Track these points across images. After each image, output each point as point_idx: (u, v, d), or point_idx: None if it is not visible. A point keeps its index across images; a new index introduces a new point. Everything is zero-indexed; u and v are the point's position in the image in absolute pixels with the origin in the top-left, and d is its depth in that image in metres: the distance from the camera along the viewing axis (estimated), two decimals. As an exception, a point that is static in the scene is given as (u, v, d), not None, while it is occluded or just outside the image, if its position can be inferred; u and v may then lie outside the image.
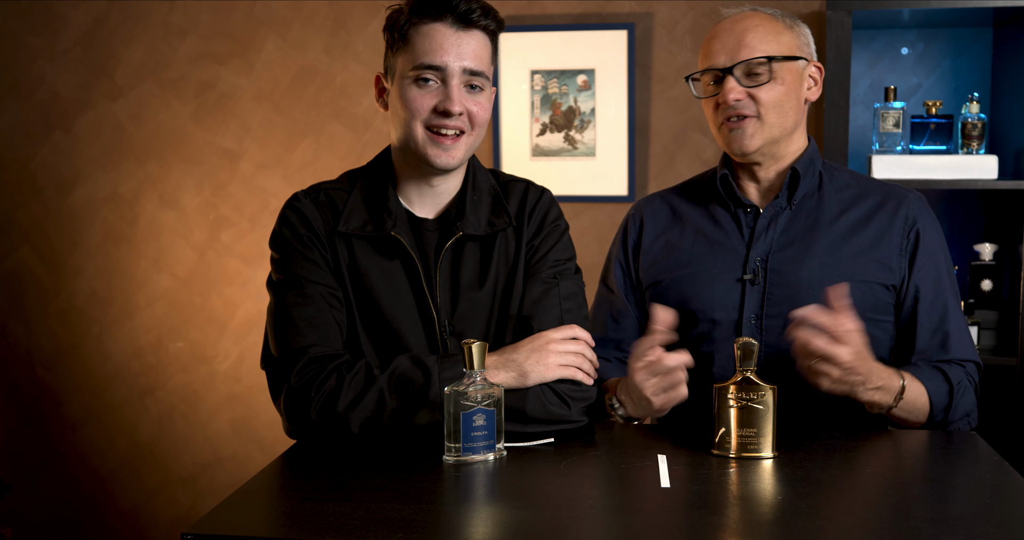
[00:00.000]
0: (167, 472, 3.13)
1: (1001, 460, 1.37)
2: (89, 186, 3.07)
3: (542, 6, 2.84)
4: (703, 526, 1.12)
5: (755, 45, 1.64)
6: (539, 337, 1.51)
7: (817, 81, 1.73)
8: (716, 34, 1.68)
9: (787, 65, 1.66)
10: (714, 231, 1.74)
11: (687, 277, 1.72)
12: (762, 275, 1.68)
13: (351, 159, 2.95)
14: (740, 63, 1.63)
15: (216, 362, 3.07)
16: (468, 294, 1.56)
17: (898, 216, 1.69)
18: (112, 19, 3.00)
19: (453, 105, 1.49)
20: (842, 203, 1.71)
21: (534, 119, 2.87)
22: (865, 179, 1.77)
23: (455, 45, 1.49)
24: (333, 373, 1.44)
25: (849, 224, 1.69)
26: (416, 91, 1.50)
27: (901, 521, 1.13)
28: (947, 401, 1.60)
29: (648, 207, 1.84)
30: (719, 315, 1.69)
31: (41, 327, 3.13)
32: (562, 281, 1.59)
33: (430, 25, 1.50)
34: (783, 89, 1.65)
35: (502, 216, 1.59)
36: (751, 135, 1.65)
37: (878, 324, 1.67)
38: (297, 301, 1.51)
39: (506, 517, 1.17)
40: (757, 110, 1.64)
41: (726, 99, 1.64)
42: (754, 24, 1.66)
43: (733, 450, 1.39)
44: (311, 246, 1.54)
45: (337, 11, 2.92)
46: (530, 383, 1.47)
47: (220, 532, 1.12)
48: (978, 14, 2.50)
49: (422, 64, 1.49)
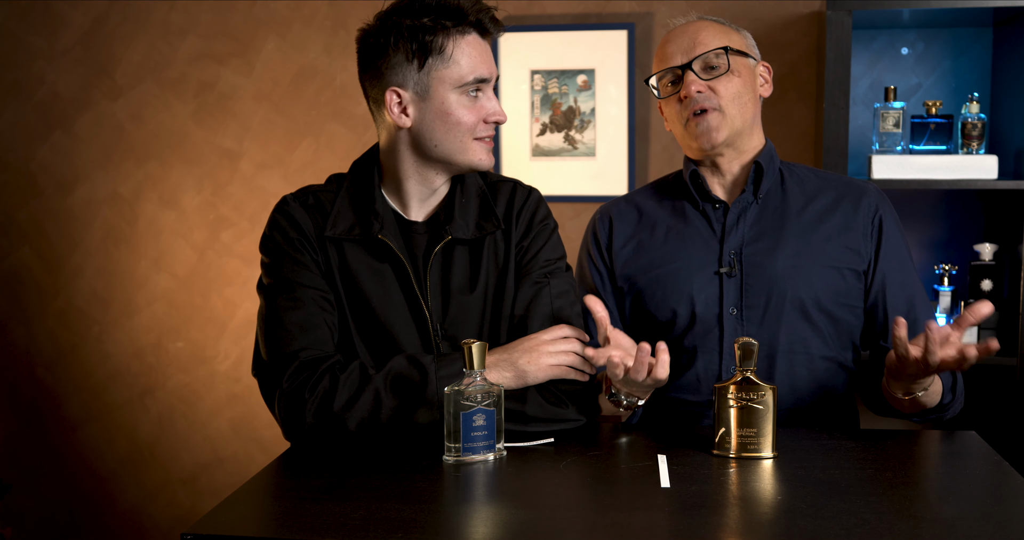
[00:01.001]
0: (167, 472, 3.13)
1: (1001, 460, 1.37)
2: (89, 186, 3.07)
3: (542, 6, 2.84)
4: (703, 526, 1.12)
5: (708, 41, 1.72)
6: (530, 339, 1.52)
7: (767, 79, 1.81)
8: (669, 39, 1.77)
9: (741, 59, 1.74)
10: (685, 228, 1.78)
11: (664, 275, 1.75)
12: (738, 267, 1.72)
13: (351, 159, 2.93)
14: (697, 57, 1.71)
15: (216, 362, 3.07)
16: (459, 298, 1.56)
17: (861, 205, 1.75)
18: (112, 19, 3.00)
19: (503, 115, 1.55)
20: (805, 195, 1.77)
21: (534, 119, 2.87)
22: (822, 173, 1.83)
23: (487, 55, 1.54)
24: (326, 374, 1.44)
25: (815, 214, 1.74)
26: (469, 103, 1.53)
27: (901, 521, 1.13)
28: (951, 381, 1.67)
29: (615, 210, 1.87)
30: (700, 309, 1.72)
31: (41, 327, 3.13)
32: (553, 280, 1.60)
33: (469, 35, 1.51)
34: (740, 81, 1.72)
35: (491, 220, 1.60)
36: (716, 127, 1.71)
37: (851, 309, 1.73)
38: (288, 305, 1.51)
39: (506, 517, 1.17)
40: (718, 103, 1.71)
41: (688, 92, 1.70)
42: (704, 25, 1.75)
43: (733, 450, 1.39)
44: (301, 250, 1.54)
45: (337, 11, 2.92)
46: (523, 384, 1.48)
47: (220, 532, 1.12)
48: (978, 14, 2.50)
49: (477, 78, 1.51)
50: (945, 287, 2.60)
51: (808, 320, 1.69)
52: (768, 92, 1.81)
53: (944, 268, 2.61)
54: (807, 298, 1.69)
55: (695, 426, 1.65)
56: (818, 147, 2.61)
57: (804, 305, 1.69)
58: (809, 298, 1.69)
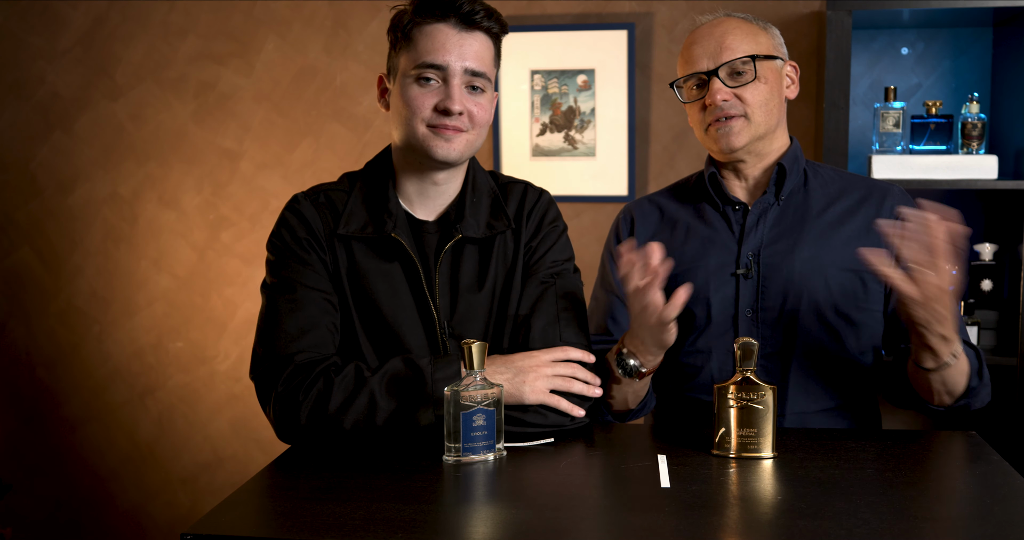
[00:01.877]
0: (167, 472, 3.13)
1: (1001, 460, 1.37)
2: (89, 186, 3.07)
3: (542, 6, 2.84)
4: (703, 526, 1.12)
5: (736, 46, 1.67)
6: (532, 356, 1.50)
7: (794, 79, 1.78)
8: (695, 40, 1.72)
9: (768, 64, 1.70)
10: (705, 229, 1.77)
11: (681, 276, 1.74)
12: (755, 269, 1.70)
13: (351, 159, 2.95)
14: (724, 64, 1.67)
15: (216, 362, 3.07)
16: (467, 296, 1.56)
17: (884, 206, 1.72)
18: (112, 19, 3.00)
19: (454, 104, 1.49)
20: (828, 197, 1.74)
21: (534, 119, 2.87)
22: (847, 174, 1.81)
23: (457, 45, 1.50)
24: (320, 377, 1.44)
25: (836, 215, 1.72)
26: (417, 90, 1.51)
27: (901, 521, 1.13)
28: (978, 365, 1.61)
29: (638, 209, 1.86)
30: (715, 311, 1.71)
31: (41, 327, 3.13)
32: (560, 280, 1.60)
33: (433, 25, 1.50)
34: (766, 88, 1.69)
35: (501, 219, 1.60)
36: (738, 132, 1.68)
37: (870, 313, 1.70)
38: (288, 306, 1.50)
39: (506, 517, 1.17)
40: (744, 110, 1.68)
41: (714, 100, 1.67)
42: (732, 27, 1.70)
43: (733, 450, 1.39)
44: (309, 249, 1.54)
45: (337, 11, 2.92)
46: (517, 403, 1.47)
47: (220, 532, 1.12)
48: (978, 14, 2.50)
49: (424, 63, 1.49)
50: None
51: (824, 323, 1.67)
52: (794, 93, 1.78)
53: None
54: (823, 301, 1.66)
55: (705, 427, 1.64)
56: (818, 147, 2.61)
57: (820, 308, 1.66)
58: (825, 301, 1.66)
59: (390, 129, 1.59)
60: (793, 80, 1.77)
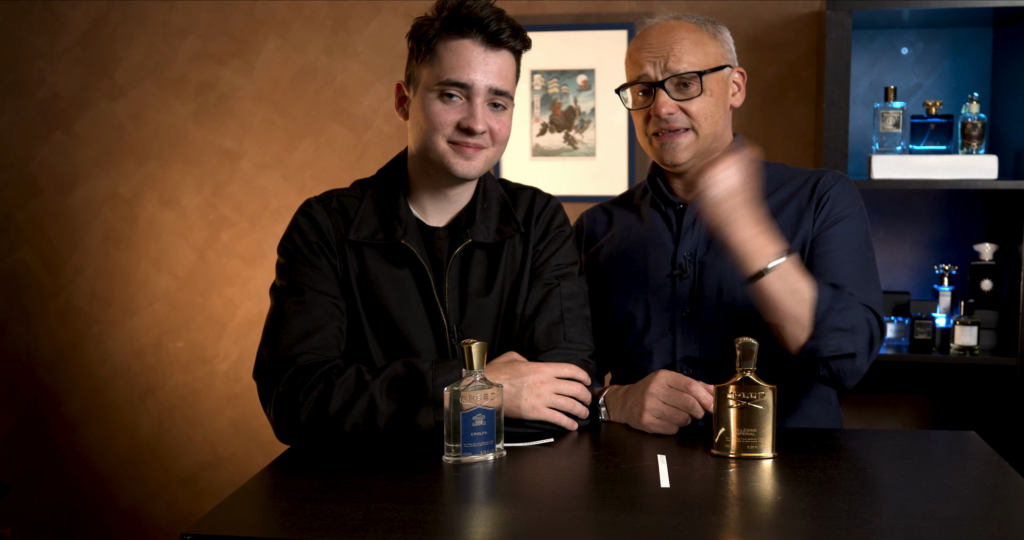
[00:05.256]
0: (167, 472, 3.13)
1: (1001, 460, 1.37)
2: (89, 186, 3.07)
3: (542, 6, 2.84)
4: (703, 526, 1.12)
5: (683, 58, 1.65)
6: (538, 371, 1.50)
7: (740, 86, 1.75)
8: (643, 45, 1.69)
9: (714, 76, 1.68)
10: (646, 232, 1.78)
11: (625, 279, 1.76)
12: (691, 269, 1.70)
13: (351, 159, 2.95)
14: (671, 76, 1.65)
15: (216, 362, 3.07)
16: (476, 300, 1.57)
17: (816, 191, 1.70)
18: (112, 19, 3.00)
19: (477, 123, 1.50)
20: (765, 191, 1.72)
21: (534, 119, 2.87)
22: (791, 168, 1.79)
23: (482, 63, 1.50)
24: (321, 379, 1.44)
25: (771, 208, 1.70)
26: (440, 106, 1.51)
27: (901, 521, 1.13)
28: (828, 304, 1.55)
29: (588, 217, 1.90)
30: (653, 312, 1.72)
31: (41, 327, 3.13)
32: (564, 282, 1.61)
33: (459, 41, 1.49)
34: (712, 100, 1.67)
35: (511, 224, 1.61)
36: (684, 148, 1.67)
37: None
38: (295, 309, 1.51)
39: (506, 517, 1.17)
40: (690, 123, 1.66)
41: (659, 112, 1.65)
42: (681, 36, 1.66)
43: (733, 450, 1.39)
44: (319, 254, 1.54)
45: (337, 11, 2.92)
46: (515, 416, 1.47)
47: (220, 532, 1.12)
48: (978, 14, 2.50)
49: (449, 80, 1.49)
50: (945, 287, 2.60)
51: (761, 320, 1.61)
52: (740, 101, 1.74)
53: (944, 268, 2.61)
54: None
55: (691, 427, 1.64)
56: (818, 147, 2.61)
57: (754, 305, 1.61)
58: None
59: (408, 138, 1.59)
60: (740, 87, 1.74)
